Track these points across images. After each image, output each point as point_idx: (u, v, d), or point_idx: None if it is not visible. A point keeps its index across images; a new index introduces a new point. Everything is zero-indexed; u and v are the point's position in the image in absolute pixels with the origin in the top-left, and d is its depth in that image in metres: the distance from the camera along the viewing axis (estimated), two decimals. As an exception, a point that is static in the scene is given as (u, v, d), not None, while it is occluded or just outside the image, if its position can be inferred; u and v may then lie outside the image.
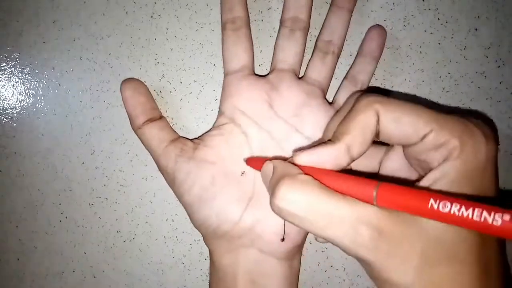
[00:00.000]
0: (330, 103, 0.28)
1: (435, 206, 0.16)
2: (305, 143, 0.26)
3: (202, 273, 0.30)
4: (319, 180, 0.19)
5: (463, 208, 0.15)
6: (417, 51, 0.29)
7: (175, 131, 0.28)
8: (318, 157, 0.20)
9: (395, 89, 0.29)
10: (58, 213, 0.30)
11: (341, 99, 0.28)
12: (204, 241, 0.27)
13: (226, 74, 0.27)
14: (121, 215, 0.30)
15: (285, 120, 0.26)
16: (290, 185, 0.19)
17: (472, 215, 0.15)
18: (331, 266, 0.30)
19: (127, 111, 0.27)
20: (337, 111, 0.24)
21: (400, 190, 0.17)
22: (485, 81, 0.29)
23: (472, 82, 0.29)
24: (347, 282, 0.31)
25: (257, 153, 0.26)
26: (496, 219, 0.14)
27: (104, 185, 0.29)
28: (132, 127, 0.27)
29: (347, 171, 0.24)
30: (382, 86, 0.29)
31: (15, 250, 0.30)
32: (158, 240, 0.30)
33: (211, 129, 0.28)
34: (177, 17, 0.28)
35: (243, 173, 0.26)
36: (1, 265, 0.30)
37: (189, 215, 0.27)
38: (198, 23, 0.28)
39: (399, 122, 0.19)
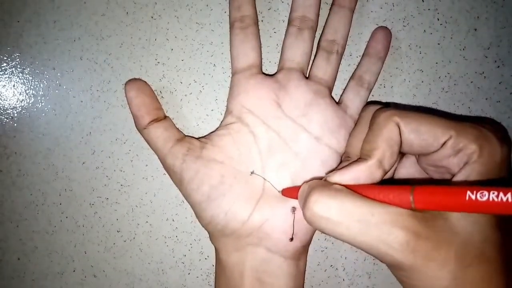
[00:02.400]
0: (337, 103, 0.28)
1: (473, 196, 0.16)
2: (313, 143, 0.26)
3: (202, 272, 0.30)
4: (359, 192, 0.20)
5: (501, 194, 0.16)
6: (416, 51, 0.29)
7: (180, 131, 0.28)
8: (353, 175, 0.20)
9: (394, 89, 0.29)
10: (58, 212, 0.30)
11: (348, 99, 0.28)
12: (211, 239, 0.27)
13: (234, 73, 0.27)
14: (122, 215, 0.30)
15: (293, 119, 0.26)
16: (323, 190, 0.19)
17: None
18: (331, 266, 0.31)
19: (132, 112, 0.27)
20: (354, 128, 0.24)
21: (435, 189, 0.18)
22: (484, 81, 0.29)
23: (472, 82, 0.29)
24: (347, 282, 0.31)
25: (265, 152, 0.26)
26: None
27: (105, 185, 0.29)
28: (137, 128, 0.27)
29: None
30: (382, 86, 0.29)
31: (15, 250, 0.30)
32: (158, 240, 0.30)
33: (218, 128, 0.28)
34: (177, 17, 0.28)
35: (252, 173, 0.26)
36: (1, 265, 0.30)
37: (196, 213, 0.27)
38: (198, 23, 0.28)
39: (419, 132, 0.20)
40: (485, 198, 0.16)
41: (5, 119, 0.29)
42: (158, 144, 0.26)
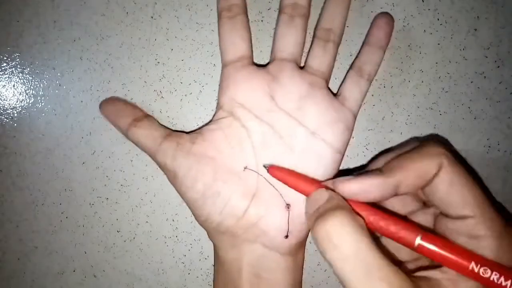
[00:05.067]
0: (335, 95, 0.27)
1: (476, 269, 0.17)
2: (309, 137, 0.26)
3: (202, 272, 0.30)
4: (364, 212, 0.20)
5: (502, 278, 0.17)
6: (416, 51, 0.29)
7: (166, 127, 0.27)
8: (364, 187, 0.20)
9: (394, 89, 0.29)
10: (58, 212, 0.30)
11: (346, 90, 0.27)
12: (209, 236, 0.27)
13: (223, 65, 0.27)
14: (122, 215, 0.30)
15: (288, 112, 0.26)
16: (346, 218, 0.18)
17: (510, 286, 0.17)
18: (331, 265, 0.31)
19: (111, 123, 0.27)
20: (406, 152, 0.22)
21: (442, 243, 0.18)
22: (484, 81, 0.29)
23: (472, 82, 0.29)
24: (347, 282, 0.31)
25: (259, 147, 0.26)
26: None
27: (105, 185, 0.29)
28: (122, 134, 0.27)
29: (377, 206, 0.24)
30: (382, 86, 0.29)
31: (15, 250, 0.30)
32: (158, 240, 0.30)
33: (209, 122, 0.27)
34: (177, 17, 0.28)
35: (245, 168, 0.25)
36: (1, 265, 0.30)
37: (192, 211, 0.27)
38: (198, 23, 0.28)
39: (452, 189, 0.19)
40: (486, 275, 0.17)
41: (5, 119, 0.29)
42: (145, 143, 0.26)
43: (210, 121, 0.28)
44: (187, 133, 0.27)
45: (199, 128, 0.28)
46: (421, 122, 0.30)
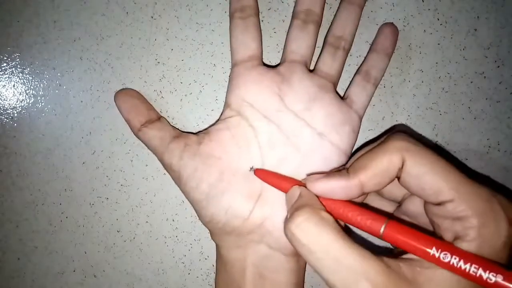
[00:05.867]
0: (342, 98, 0.27)
1: (437, 254, 0.18)
2: (316, 138, 0.26)
3: (202, 272, 0.30)
4: (335, 205, 0.21)
5: (461, 262, 0.17)
6: (416, 51, 0.29)
7: (176, 128, 0.28)
8: (330, 187, 0.20)
9: (394, 89, 0.29)
10: (58, 212, 0.30)
11: (354, 94, 0.27)
12: (212, 236, 0.27)
13: (234, 65, 0.27)
14: (122, 214, 0.30)
15: (296, 113, 0.26)
16: (311, 215, 0.19)
17: (469, 270, 0.17)
18: (331, 265, 0.31)
19: (123, 117, 0.27)
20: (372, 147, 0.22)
21: (406, 230, 0.19)
22: (484, 81, 0.29)
23: (472, 82, 0.29)
24: (347, 282, 0.31)
25: (265, 147, 0.26)
26: (490, 278, 0.17)
27: (105, 185, 0.29)
28: (132, 132, 0.27)
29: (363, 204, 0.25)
30: (382, 86, 0.29)
31: (15, 250, 0.30)
32: (158, 240, 0.30)
33: (217, 122, 0.27)
34: (177, 17, 0.28)
35: (251, 168, 0.25)
36: (1, 265, 0.30)
37: (196, 212, 0.26)
38: (198, 23, 0.28)
39: (422, 180, 0.19)
40: (446, 260, 0.18)
41: (5, 119, 0.29)
42: (154, 144, 0.26)
43: (218, 120, 0.28)
44: (195, 133, 0.27)
45: (206, 128, 0.28)
46: (421, 122, 0.30)
